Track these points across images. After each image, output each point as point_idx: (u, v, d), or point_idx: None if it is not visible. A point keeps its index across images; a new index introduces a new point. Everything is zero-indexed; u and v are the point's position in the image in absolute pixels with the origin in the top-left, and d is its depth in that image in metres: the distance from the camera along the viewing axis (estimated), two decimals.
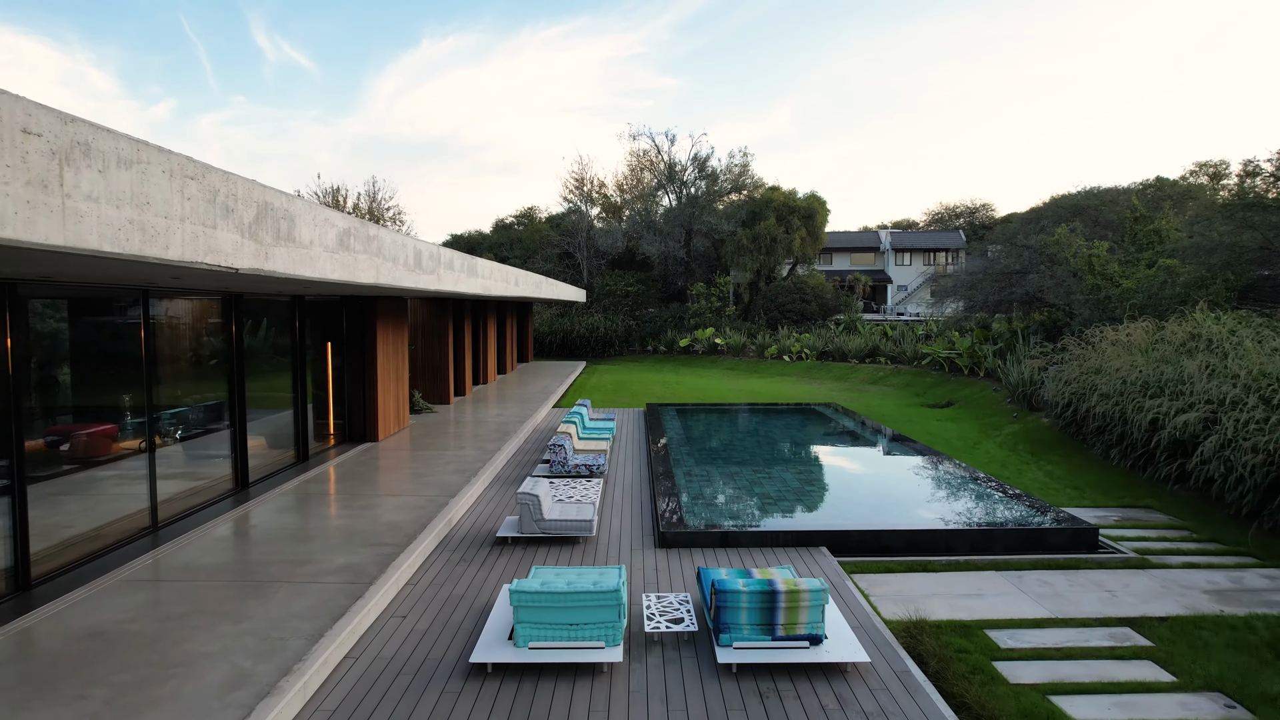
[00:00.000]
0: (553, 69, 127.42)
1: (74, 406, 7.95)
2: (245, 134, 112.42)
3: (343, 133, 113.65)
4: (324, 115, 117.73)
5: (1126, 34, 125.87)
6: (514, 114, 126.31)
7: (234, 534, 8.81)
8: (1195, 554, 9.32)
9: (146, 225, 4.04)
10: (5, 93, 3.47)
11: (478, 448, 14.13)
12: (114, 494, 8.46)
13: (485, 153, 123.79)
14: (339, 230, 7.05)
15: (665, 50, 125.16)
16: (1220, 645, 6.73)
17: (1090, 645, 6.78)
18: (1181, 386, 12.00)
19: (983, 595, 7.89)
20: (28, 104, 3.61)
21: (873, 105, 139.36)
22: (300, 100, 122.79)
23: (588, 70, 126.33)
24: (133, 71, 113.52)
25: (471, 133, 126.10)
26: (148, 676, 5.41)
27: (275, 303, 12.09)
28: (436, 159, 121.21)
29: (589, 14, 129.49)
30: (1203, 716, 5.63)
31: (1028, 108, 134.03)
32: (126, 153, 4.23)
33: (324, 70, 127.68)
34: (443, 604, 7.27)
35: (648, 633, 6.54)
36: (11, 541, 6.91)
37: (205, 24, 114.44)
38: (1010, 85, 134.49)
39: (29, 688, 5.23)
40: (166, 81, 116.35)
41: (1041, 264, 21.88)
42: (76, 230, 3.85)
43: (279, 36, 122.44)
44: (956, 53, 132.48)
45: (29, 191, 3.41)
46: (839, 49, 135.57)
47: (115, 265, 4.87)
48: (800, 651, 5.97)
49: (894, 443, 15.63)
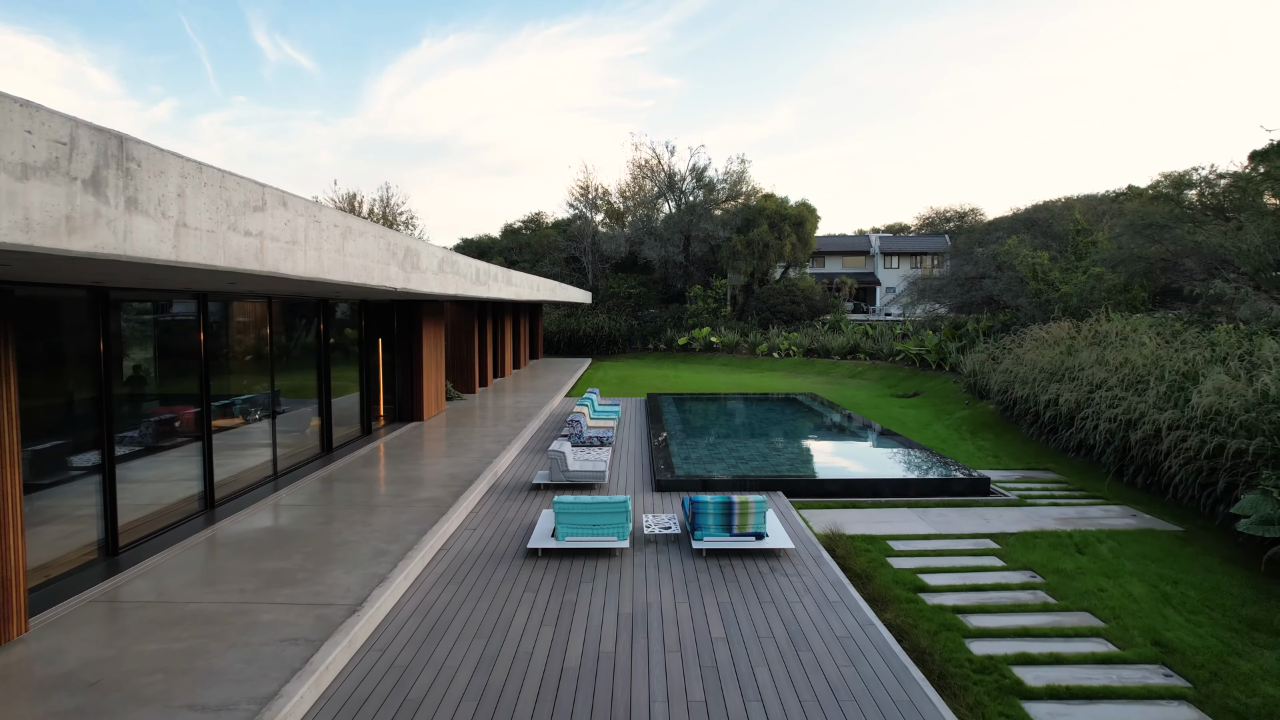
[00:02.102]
0: (553, 69, 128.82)
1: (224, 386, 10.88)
2: (246, 134, 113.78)
3: (344, 133, 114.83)
4: (325, 115, 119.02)
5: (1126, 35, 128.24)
6: (515, 114, 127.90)
7: (336, 479, 11.74)
8: (1062, 497, 12.23)
9: (369, 267, 6.93)
10: (331, 210, 6.35)
11: (506, 426, 17.06)
12: (251, 450, 11.39)
13: (486, 153, 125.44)
14: (439, 259, 10.01)
15: (666, 50, 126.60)
16: (1043, 546, 9.64)
17: (956, 549, 9.68)
18: (1077, 374, 14.91)
19: (891, 522, 10.80)
20: (342, 215, 6.51)
21: (873, 106, 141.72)
22: (301, 100, 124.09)
23: (588, 70, 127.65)
24: (133, 72, 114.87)
25: (472, 133, 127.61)
26: (323, 549, 8.34)
27: (349, 305, 15.01)
28: (437, 159, 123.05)
29: (590, 14, 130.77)
30: (1014, 579, 8.53)
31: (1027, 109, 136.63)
32: (363, 228, 7.15)
33: (325, 70, 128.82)
34: (499, 523, 10.20)
35: (646, 534, 9.48)
36: (202, 482, 9.85)
37: (205, 24, 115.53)
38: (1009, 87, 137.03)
39: (254, 553, 8.17)
40: (167, 82, 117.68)
41: (995, 271, 24.79)
42: (343, 270, 6.77)
43: (279, 36, 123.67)
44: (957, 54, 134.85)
45: (336, 255, 6.33)
46: (840, 49, 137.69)
47: (348, 288, 7.82)
48: (749, 542, 8.89)
49: (853, 422, 18.55)
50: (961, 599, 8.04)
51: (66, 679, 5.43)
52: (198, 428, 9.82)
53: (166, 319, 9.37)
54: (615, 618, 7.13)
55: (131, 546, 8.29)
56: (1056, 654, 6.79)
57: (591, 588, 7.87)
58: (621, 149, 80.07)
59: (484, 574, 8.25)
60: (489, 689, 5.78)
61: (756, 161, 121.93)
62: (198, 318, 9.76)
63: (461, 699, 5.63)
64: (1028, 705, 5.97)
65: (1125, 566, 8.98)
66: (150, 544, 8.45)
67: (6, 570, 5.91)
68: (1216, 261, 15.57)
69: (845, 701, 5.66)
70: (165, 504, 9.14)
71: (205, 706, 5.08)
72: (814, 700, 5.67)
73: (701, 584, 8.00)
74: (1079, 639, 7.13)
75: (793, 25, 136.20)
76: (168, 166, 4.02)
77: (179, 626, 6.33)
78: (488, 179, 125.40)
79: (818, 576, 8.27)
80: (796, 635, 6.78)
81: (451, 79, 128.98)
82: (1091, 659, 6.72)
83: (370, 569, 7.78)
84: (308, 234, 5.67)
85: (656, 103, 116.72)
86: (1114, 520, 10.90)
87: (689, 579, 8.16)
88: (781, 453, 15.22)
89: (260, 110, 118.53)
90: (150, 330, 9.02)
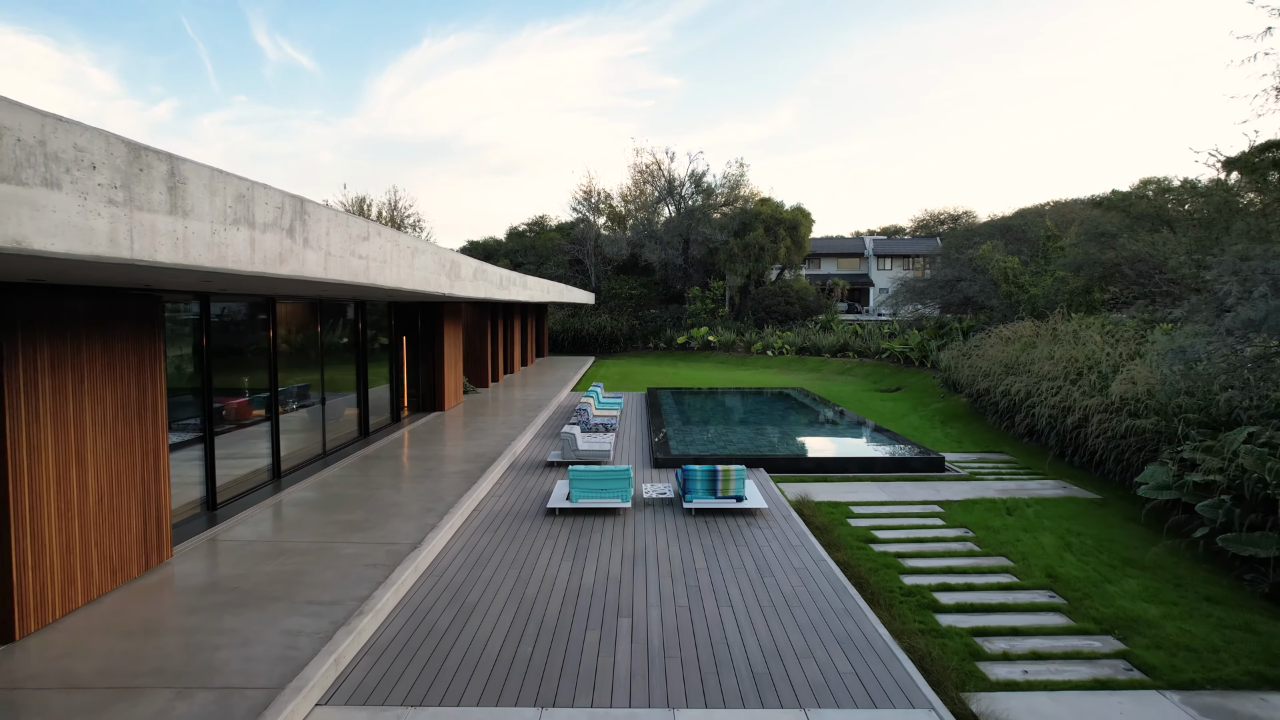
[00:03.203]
0: (554, 69, 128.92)
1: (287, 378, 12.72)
2: (247, 134, 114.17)
3: (344, 133, 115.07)
4: (325, 115, 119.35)
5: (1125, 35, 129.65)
6: (515, 114, 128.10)
7: (377, 456, 13.58)
8: (1008, 474, 14.06)
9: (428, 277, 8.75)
10: (406, 236, 8.17)
11: (519, 415, 18.90)
12: (306, 432, 13.23)
13: (487, 153, 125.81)
14: (474, 269, 11.87)
15: (667, 50, 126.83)
16: (980, 510, 11.47)
17: (906, 512, 11.51)
18: (1029, 368, 16.74)
19: (855, 492, 12.63)
20: (410, 239, 8.33)
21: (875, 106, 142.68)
22: (301, 100, 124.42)
23: (589, 70, 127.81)
24: (134, 71, 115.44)
25: (473, 132, 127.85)
26: (380, 508, 10.19)
27: (378, 306, 16.86)
28: (438, 159, 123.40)
29: (590, 13, 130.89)
30: (949, 534, 10.35)
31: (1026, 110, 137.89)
32: (423, 247, 8.98)
33: (325, 70, 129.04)
34: (521, 491, 12.04)
35: (645, 499, 11.32)
36: (271, 456, 11.69)
37: (206, 24, 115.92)
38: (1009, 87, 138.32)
39: (323, 510, 10.01)
40: (168, 81, 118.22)
41: (971, 274, 26.64)
42: (412, 280, 8.60)
43: (280, 36, 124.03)
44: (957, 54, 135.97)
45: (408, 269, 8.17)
46: (841, 48, 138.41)
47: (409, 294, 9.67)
48: (730, 503, 10.73)
49: (833, 413, 20.38)
50: (903, 548, 9.86)
51: (213, 586, 7.28)
52: (269, 411, 11.67)
53: (245, 320, 11.22)
54: (620, 556, 8.97)
55: (225, 504, 10.14)
56: (970, 583, 8.61)
57: (601, 536, 9.72)
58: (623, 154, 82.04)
59: (513, 526, 10.09)
60: (524, 599, 7.62)
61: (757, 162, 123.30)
62: (268, 320, 11.61)
63: (505, 605, 7.46)
64: (939, 616, 7.79)
65: (1043, 524, 10.80)
66: (238, 503, 10.30)
67: (159, 509, 7.76)
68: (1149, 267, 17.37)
69: (794, 607, 7.49)
70: (246, 472, 10.99)
71: (321, 602, 6.92)
72: (771, 605, 7.51)
73: (690, 533, 9.85)
74: (991, 574, 8.95)
75: (794, 25, 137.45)
76: (321, 216, 5.87)
77: (283, 557, 8.18)
78: (489, 179, 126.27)
79: (785, 530, 10.10)
80: (763, 566, 8.62)
81: (452, 79, 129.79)
82: (997, 587, 8.54)
83: (421, 521, 9.62)
84: (391, 255, 7.47)
85: (657, 102, 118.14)
86: (1046, 491, 12.72)
87: (680, 530, 10.00)
88: (766, 437, 17.05)
89: (261, 110, 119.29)
90: (237, 330, 10.87)
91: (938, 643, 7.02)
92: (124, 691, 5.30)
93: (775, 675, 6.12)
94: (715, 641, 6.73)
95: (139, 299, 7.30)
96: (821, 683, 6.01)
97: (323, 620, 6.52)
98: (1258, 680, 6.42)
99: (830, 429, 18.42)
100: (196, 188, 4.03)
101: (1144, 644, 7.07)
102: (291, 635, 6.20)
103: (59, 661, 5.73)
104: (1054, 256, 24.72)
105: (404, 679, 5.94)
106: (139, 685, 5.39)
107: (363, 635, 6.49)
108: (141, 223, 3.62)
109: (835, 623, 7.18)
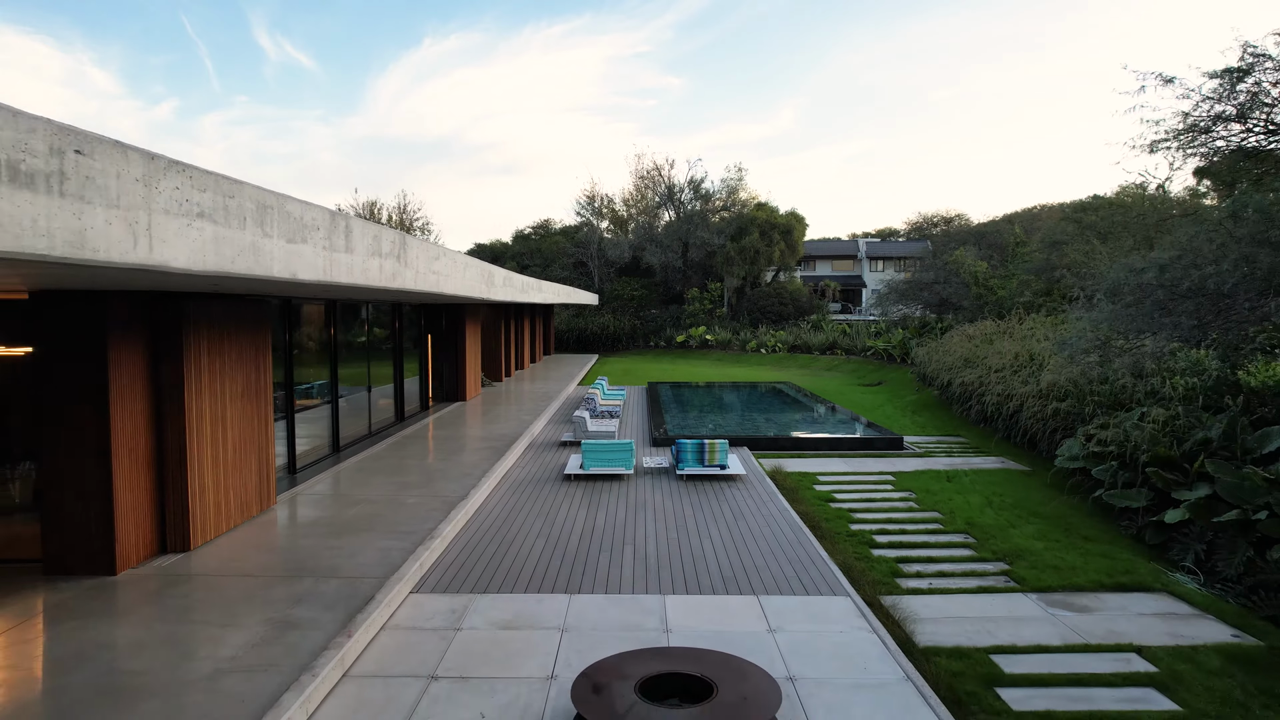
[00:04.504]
0: (555, 68, 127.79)
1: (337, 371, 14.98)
2: (248, 134, 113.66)
3: (346, 133, 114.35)
4: (327, 115, 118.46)
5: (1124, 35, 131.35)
6: (517, 114, 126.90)
7: (414, 436, 15.84)
8: (958, 452, 16.30)
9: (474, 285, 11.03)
10: (460, 254, 10.40)
11: (533, 405, 21.17)
12: (356, 415, 15.49)
13: (489, 153, 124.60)
14: (504, 277, 14.17)
15: (668, 50, 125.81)
16: (926, 478, 13.72)
17: (863, 481, 13.74)
18: (981, 361, 18.98)
19: (822, 465, 14.86)
20: (462, 255, 10.56)
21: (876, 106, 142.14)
22: (303, 100, 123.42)
23: (591, 70, 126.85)
24: (135, 71, 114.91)
25: (475, 132, 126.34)
26: (427, 473, 12.44)
27: (410, 308, 19.12)
28: (440, 159, 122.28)
29: (591, 13, 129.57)
30: (896, 496, 12.59)
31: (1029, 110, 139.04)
32: (469, 262, 11.22)
33: (326, 70, 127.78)
34: (541, 463, 14.30)
35: (644, 468, 13.58)
36: (331, 433, 13.97)
37: (206, 24, 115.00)
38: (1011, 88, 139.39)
39: (382, 474, 12.26)
40: (169, 81, 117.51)
41: (946, 277, 28.91)
42: (464, 288, 10.85)
43: (280, 36, 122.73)
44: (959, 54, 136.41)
45: (461, 280, 10.44)
46: (844, 47, 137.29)
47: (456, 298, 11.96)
48: (715, 470, 12.98)
49: (815, 403, 22.63)
50: (855, 505, 12.10)
51: (315, 522, 9.55)
52: (332, 396, 13.95)
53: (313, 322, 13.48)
54: (624, 507, 11.23)
55: (302, 469, 12.41)
56: (903, 529, 10.85)
57: (609, 494, 11.98)
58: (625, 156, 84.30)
59: (537, 488, 12.36)
60: (551, 535, 9.88)
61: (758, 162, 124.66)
62: (331, 322, 13.89)
63: (536, 538, 9.72)
64: (873, 550, 10.01)
65: (974, 489, 13.05)
66: (311, 469, 12.57)
67: (268, 466, 10.03)
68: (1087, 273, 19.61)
69: (759, 540, 9.74)
70: (315, 444, 13.26)
71: (400, 531, 9.19)
72: (740, 539, 9.77)
73: (680, 493, 12.11)
74: (923, 524, 11.18)
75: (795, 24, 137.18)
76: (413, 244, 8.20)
77: (360, 505, 10.44)
78: (491, 178, 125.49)
79: (759, 491, 12.36)
80: (737, 515, 10.88)
81: (453, 78, 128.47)
82: (925, 532, 10.77)
83: (463, 482, 11.89)
84: (452, 269, 9.72)
85: (659, 102, 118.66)
86: (985, 464, 14.97)
87: (672, 491, 12.26)
88: (752, 422, 19.31)
89: (262, 110, 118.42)
90: (308, 330, 13.13)
91: (867, 565, 9.27)
92: (279, 578, 7.57)
93: (738, 578, 8.38)
94: (695, 559, 8.99)
95: (254, 303, 9.56)
96: (771, 582, 8.27)
97: (405, 541, 8.78)
98: (1097, 586, 8.67)
99: (809, 415, 20.68)
100: (358, 235, 6.25)
101: (1024, 566, 9.32)
102: (384, 551, 8.47)
103: (226, 563, 8.00)
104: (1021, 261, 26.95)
105: (469, 579, 8.21)
106: (288, 575, 7.66)
107: (435, 552, 8.76)
108: (336, 260, 5.84)
109: (789, 550, 9.44)
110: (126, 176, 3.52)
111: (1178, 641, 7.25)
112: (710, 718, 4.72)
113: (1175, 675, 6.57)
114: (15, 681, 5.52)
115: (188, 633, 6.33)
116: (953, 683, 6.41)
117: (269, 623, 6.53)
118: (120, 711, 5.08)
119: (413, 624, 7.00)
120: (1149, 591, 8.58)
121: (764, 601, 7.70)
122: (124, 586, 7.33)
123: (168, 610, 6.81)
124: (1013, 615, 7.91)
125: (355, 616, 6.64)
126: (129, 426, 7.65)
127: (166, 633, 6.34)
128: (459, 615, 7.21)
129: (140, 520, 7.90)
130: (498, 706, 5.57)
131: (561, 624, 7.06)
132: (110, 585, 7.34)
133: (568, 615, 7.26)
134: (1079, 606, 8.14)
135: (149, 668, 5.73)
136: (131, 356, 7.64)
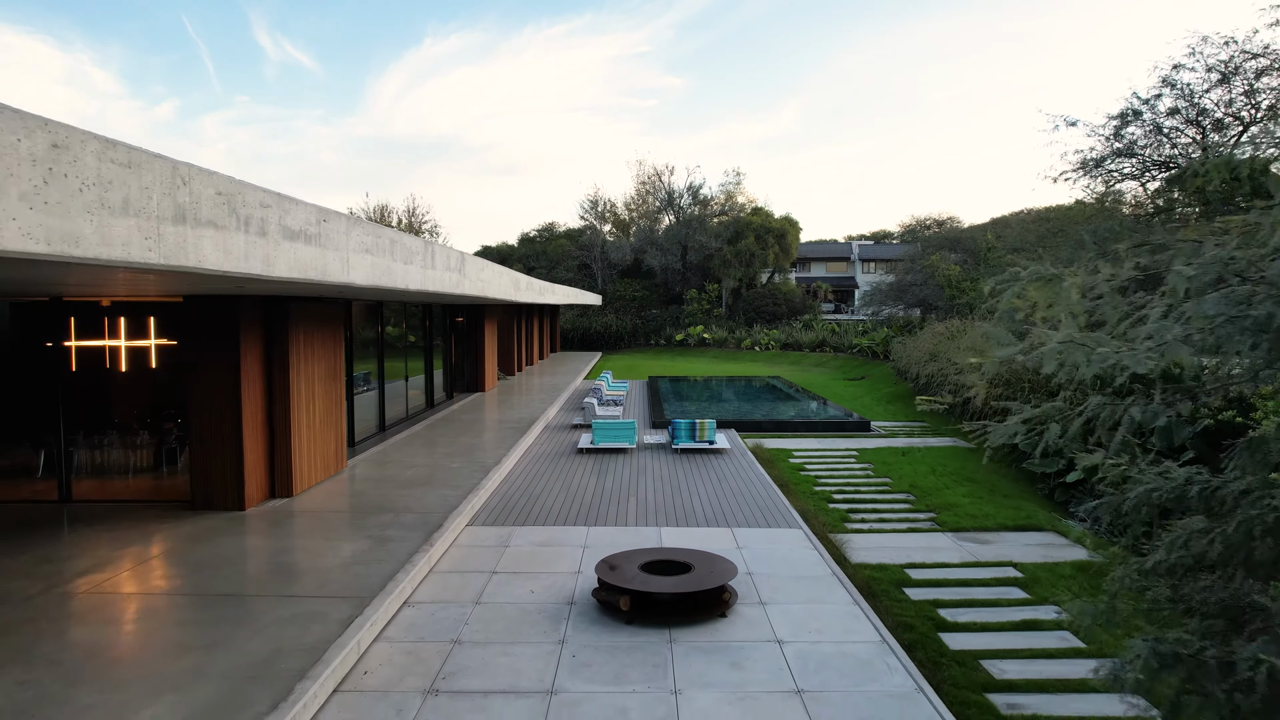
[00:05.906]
0: (556, 68, 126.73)
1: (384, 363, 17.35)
2: (249, 134, 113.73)
3: (347, 133, 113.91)
4: (327, 115, 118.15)
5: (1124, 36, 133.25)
6: (518, 113, 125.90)
7: (445, 419, 18.23)
8: (919, 434, 18.68)
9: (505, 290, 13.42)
10: (495, 266, 12.77)
11: (545, 395, 23.56)
12: (394, 401, 17.86)
13: (490, 152, 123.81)
14: (525, 282, 16.56)
15: (669, 49, 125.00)
16: (885, 454, 16.09)
17: (831, 456, 16.12)
18: (942, 355, 21.36)
19: (798, 443, 17.24)
20: (497, 266, 12.93)
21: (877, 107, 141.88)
22: (303, 100, 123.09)
23: (591, 70, 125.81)
24: (135, 71, 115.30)
25: (476, 132, 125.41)
26: (463, 446, 14.83)
27: (440, 309, 21.50)
28: (441, 158, 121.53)
29: (591, 12, 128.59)
30: (857, 466, 14.96)
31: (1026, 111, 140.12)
32: (502, 270, 13.57)
33: (326, 70, 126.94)
34: (556, 442, 16.69)
35: (645, 444, 15.98)
36: (379, 414, 16.36)
37: (207, 23, 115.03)
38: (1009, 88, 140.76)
39: (424, 448, 14.65)
40: (169, 81, 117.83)
41: (925, 279, 31.30)
42: (499, 292, 13.22)
43: (280, 36, 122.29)
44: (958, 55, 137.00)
45: (497, 286, 12.82)
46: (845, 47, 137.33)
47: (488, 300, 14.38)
48: (705, 446, 15.37)
49: (799, 393, 25.02)
50: (821, 473, 14.47)
51: (382, 479, 11.95)
52: (379, 384, 16.35)
53: (365, 322, 15.85)
54: (629, 472, 13.62)
55: (358, 444, 14.80)
56: (858, 490, 13.22)
57: (616, 464, 14.37)
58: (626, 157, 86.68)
59: (555, 459, 14.75)
60: (569, 490, 12.27)
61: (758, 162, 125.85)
62: (378, 321, 16.28)
63: (558, 494, 12.11)
64: (829, 505, 12.38)
65: (924, 461, 15.42)
66: (364, 444, 14.96)
67: (341, 436, 12.42)
68: None
69: (736, 494, 12.13)
70: (367, 423, 15.65)
71: (452, 485, 11.58)
72: (721, 494, 12.16)
73: (675, 463, 14.51)
74: (875, 488, 13.55)
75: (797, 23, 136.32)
76: (470, 259, 10.54)
77: (414, 469, 12.83)
78: (492, 178, 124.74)
79: (741, 462, 14.75)
80: (721, 478, 13.27)
81: (454, 78, 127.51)
82: (875, 491, 13.14)
83: (494, 453, 14.28)
84: (491, 277, 12.10)
85: (661, 102, 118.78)
86: (939, 443, 17.35)
87: (668, 461, 14.66)
88: (742, 411, 21.71)
89: (262, 110, 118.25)
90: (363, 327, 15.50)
91: (823, 513, 11.66)
92: (365, 513, 9.96)
93: (718, 517, 10.77)
94: (685, 506, 11.39)
95: (331, 303, 11.94)
96: (743, 519, 10.67)
97: (457, 491, 11.18)
98: (1000, 527, 11.06)
99: (791, 403, 23.06)
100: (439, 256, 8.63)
101: (947, 515, 11.69)
102: (443, 497, 10.86)
103: (323, 504, 10.39)
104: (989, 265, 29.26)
105: (510, 516, 10.60)
106: (375, 510, 10.06)
107: (481, 499, 11.15)
108: (428, 274, 8.22)
109: (760, 500, 11.83)
110: (340, 233, 5.86)
111: (1046, 559, 9.64)
112: (688, 581, 7.11)
113: (1035, 578, 8.96)
114: (215, 563, 7.91)
115: (313, 545, 8.73)
116: (869, 583, 8.80)
117: (370, 539, 8.92)
118: (292, 581, 7.48)
119: (472, 543, 9.40)
120: (1040, 531, 10.97)
121: (736, 532, 10.10)
122: (253, 518, 9.73)
123: (293, 532, 9.21)
124: (930, 546, 10.29)
125: (431, 535, 9.04)
126: (253, 400, 10.04)
127: (298, 544, 8.74)
128: (505, 538, 9.61)
129: (259, 471, 10.30)
130: (542, 587, 7.96)
131: (583, 543, 9.46)
132: (242, 518, 9.74)
133: (588, 538, 9.66)
134: (981, 540, 10.53)
135: (296, 561, 8.13)
136: (253, 345, 10.04)
